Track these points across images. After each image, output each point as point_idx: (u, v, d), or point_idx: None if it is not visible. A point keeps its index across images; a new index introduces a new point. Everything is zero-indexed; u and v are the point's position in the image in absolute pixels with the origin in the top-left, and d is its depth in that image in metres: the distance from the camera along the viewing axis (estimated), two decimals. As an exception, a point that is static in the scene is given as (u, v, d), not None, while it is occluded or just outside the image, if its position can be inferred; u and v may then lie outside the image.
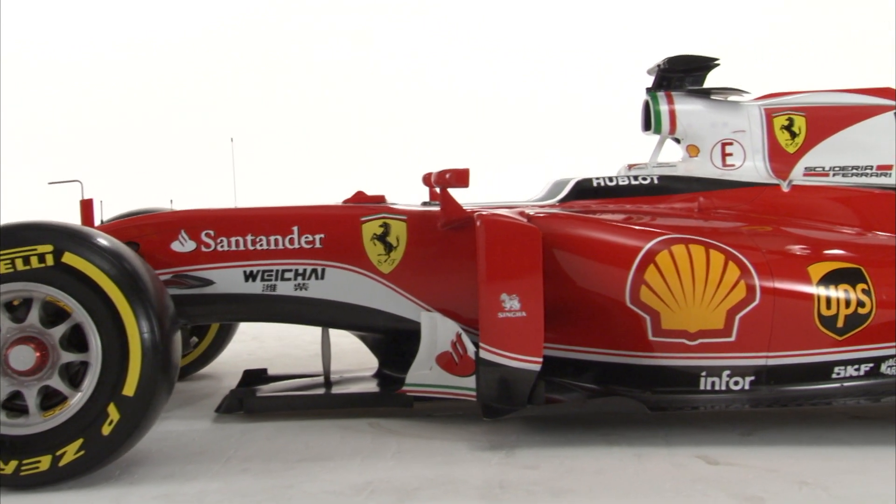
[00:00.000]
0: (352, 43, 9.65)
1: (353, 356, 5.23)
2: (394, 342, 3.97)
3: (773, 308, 3.31)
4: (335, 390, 3.96)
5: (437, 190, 3.64)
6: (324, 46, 9.64)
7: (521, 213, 3.49)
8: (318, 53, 9.66)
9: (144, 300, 2.94)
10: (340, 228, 3.74)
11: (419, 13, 9.72)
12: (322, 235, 3.73)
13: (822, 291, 3.34)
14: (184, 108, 9.45)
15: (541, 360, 3.26)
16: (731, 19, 9.55)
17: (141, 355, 2.91)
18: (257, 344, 6.06)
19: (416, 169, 4.63)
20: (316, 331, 4.19)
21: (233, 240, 3.71)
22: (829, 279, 3.36)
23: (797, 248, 3.53)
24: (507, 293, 3.23)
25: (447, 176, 3.56)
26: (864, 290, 3.37)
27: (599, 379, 3.53)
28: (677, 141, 4.05)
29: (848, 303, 3.35)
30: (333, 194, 4.14)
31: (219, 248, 3.72)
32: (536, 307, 3.23)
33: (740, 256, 3.34)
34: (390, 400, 3.79)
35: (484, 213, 3.38)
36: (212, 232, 3.71)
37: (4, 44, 9.41)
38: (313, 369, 4.48)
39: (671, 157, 4.23)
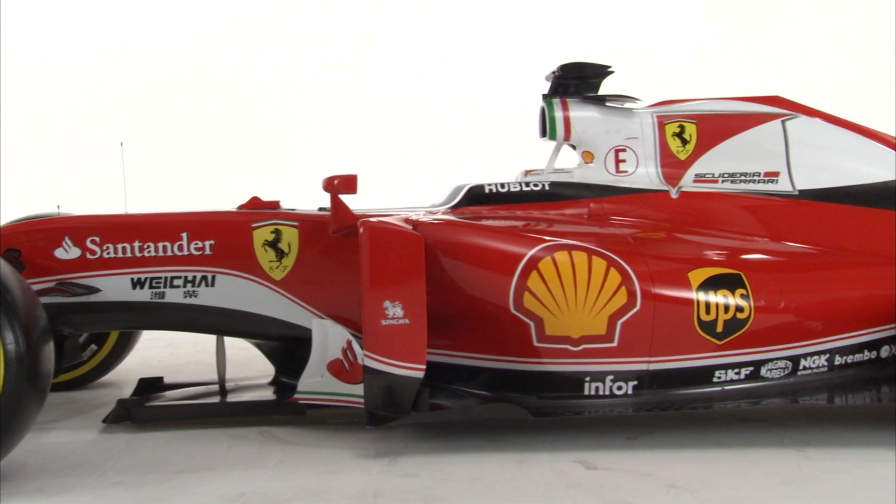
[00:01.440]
0: (251, 45, 9.51)
1: (266, 361, 5.18)
2: (290, 349, 3.93)
3: (653, 313, 3.36)
4: (229, 398, 3.91)
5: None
6: (221, 49, 9.49)
7: (406, 220, 3.49)
8: (218, 55, 9.49)
9: (9, 311, 2.86)
10: (231, 234, 3.69)
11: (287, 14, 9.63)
12: (212, 242, 3.68)
13: (701, 297, 3.39)
14: (73, 112, 9.16)
15: (424, 367, 3.26)
16: (726, 18, 9.62)
17: (4, 367, 2.83)
18: (171, 350, 5.96)
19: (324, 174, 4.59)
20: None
21: (119, 246, 3.64)
22: (709, 285, 3.42)
23: (680, 254, 3.59)
24: (390, 300, 3.22)
25: (335, 182, 3.54)
26: (742, 296, 3.43)
27: (489, 385, 3.54)
28: (573, 147, 4.08)
29: (727, 308, 3.41)
30: (234, 200, 4.09)
31: (105, 255, 3.64)
32: (419, 314, 3.23)
33: (622, 262, 3.38)
34: (283, 408, 3.76)
35: (369, 219, 3.37)
36: (97, 238, 3.64)
37: None
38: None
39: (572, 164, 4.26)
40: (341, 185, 3.53)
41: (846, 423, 3.67)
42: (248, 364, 5.18)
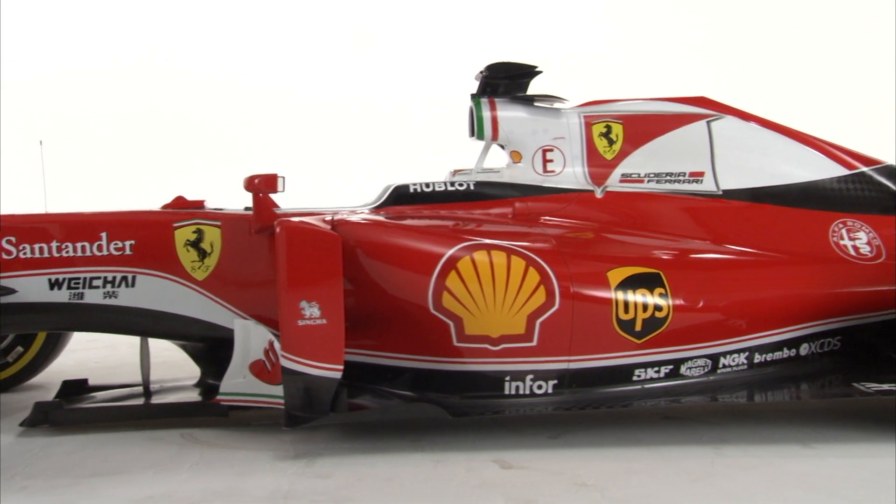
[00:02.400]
0: (179, 42, 9.33)
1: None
2: (213, 350, 3.89)
3: (572, 313, 3.37)
4: (153, 400, 3.86)
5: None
6: (148, 45, 9.31)
7: (325, 220, 3.47)
8: (145, 52, 9.31)
9: None
10: (152, 234, 3.65)
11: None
12: (132, 242, 3.63)
13: (620, 296, 3.41)
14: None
15: (342, 367, 3.24)
16: (725, 18, 9.62)
17: None
18: (108, 352, 5.88)
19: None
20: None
21: (36, 247, 3.58)
22: (628, 284, 3.44)
23: (600, 254, 3.61)
24: (307, 300, 3.20)
25: (256, 181, 3.51)
26: (661, 294, 3.46)
27: (412, 385, 3.53)
28: (503, 147, 4.09)
29: (645, 307, 3.43)
30: (159, 199, 4.03)
31: (21, 256, 3.58)
32: (337, 314, 3.21)
33: (541, 262, 3.38)
34: (205, 410, 3.72)
35: (290, 220, 3.34)
36: (13, 238, 3.58)
37: None
38: (153, 377, 4.32)
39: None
40: (262, 184, 3.52)
41: (766, 419, 3.72)
42: (184, 365, 5.11)
